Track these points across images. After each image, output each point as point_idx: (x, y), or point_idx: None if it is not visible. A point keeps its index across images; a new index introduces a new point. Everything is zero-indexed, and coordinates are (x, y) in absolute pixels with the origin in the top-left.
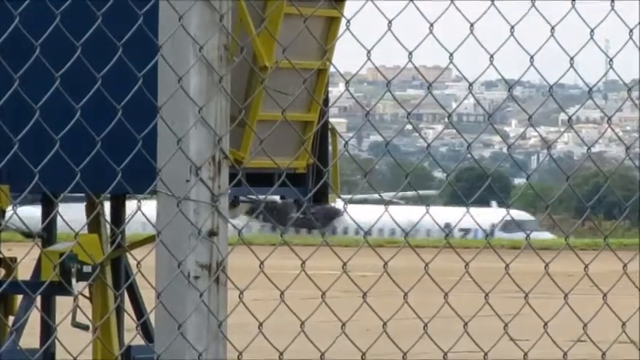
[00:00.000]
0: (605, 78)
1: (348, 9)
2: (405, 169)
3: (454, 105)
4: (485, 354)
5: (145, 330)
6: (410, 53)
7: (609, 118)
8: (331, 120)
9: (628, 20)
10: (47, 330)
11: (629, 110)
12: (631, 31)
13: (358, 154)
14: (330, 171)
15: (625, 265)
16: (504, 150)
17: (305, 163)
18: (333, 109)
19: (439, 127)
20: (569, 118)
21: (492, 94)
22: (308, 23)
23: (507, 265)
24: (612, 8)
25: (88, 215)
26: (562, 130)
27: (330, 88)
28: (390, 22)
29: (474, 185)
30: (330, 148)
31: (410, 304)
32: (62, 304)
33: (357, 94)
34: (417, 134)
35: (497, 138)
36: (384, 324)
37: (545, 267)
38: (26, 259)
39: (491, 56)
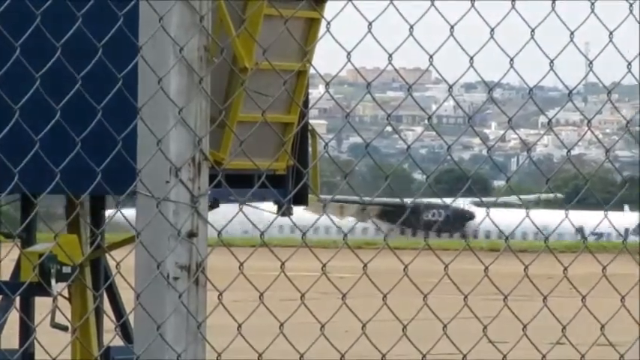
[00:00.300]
0: (585, 80)
1: (329, 10)
2: (385, 171)
3: (434, 107)
4: (464, 356)
5: (125, 331)
6: (390, 55)
7: (589, 121)
8: (311, 121)
9: (608, 22)
10: (26, 330)
11: (608, 113)
12: (611, 33)
13: (338, 156)
14: (309, 172)
15: (604, 268)
16: (484, 152)
17: (285, 165)
18: (313, 110)
19: (419, 129)
20: (549, 120)
21: (472, 96)
22: (288, 24)
23: (487, 268)
24: (592, 11)
25: (68, 216)
26: (542, 132)
27: (310, 90)
28: (370, 23)
29: (453, 187)
30: (310, 149)
31: (389, 305)
32: (41, 304)
33: (337, 95)
34: (397, 136)
35: (477, 140)
36: (363, 325)
37: (524, 269)
38: (5, 259)
39: (471, 58)
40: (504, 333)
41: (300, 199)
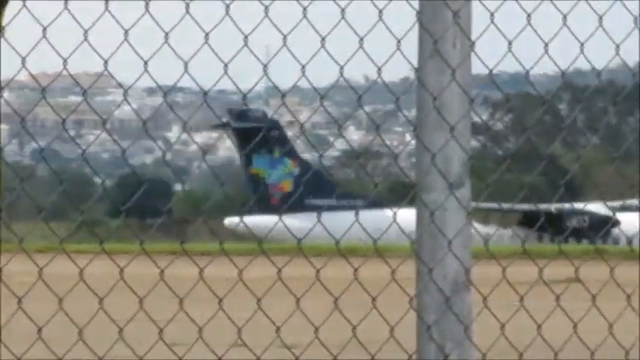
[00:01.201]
0: (265, 83)
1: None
2: (62, 176)
3: (118, 112)
4: (141, 358)
5: None
6: (65, 60)
7: (262, 125)
8: None
9: (284, 25)
10: None
11: (288, 115)
12: (285, 37)
13: (20, 160)
14: None
15: (279, 270)
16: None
17: None
18: None
19: (104, 134)
20: (224, 124)
21: (154, 100)
22: None
23: (163, 271)
24: (266, 14)
25: None
26: (223, 135)
27: None
28: (45, 28)
29: (135, 191)
30: None
31: (66, 310)
32: None
33: (18, 100)
34: (81, 140)
35: (159, 144)
36: (39, 330)
37: (200, 272)
38: None
39: (146, 63)
40: (185, 336)
41: None
